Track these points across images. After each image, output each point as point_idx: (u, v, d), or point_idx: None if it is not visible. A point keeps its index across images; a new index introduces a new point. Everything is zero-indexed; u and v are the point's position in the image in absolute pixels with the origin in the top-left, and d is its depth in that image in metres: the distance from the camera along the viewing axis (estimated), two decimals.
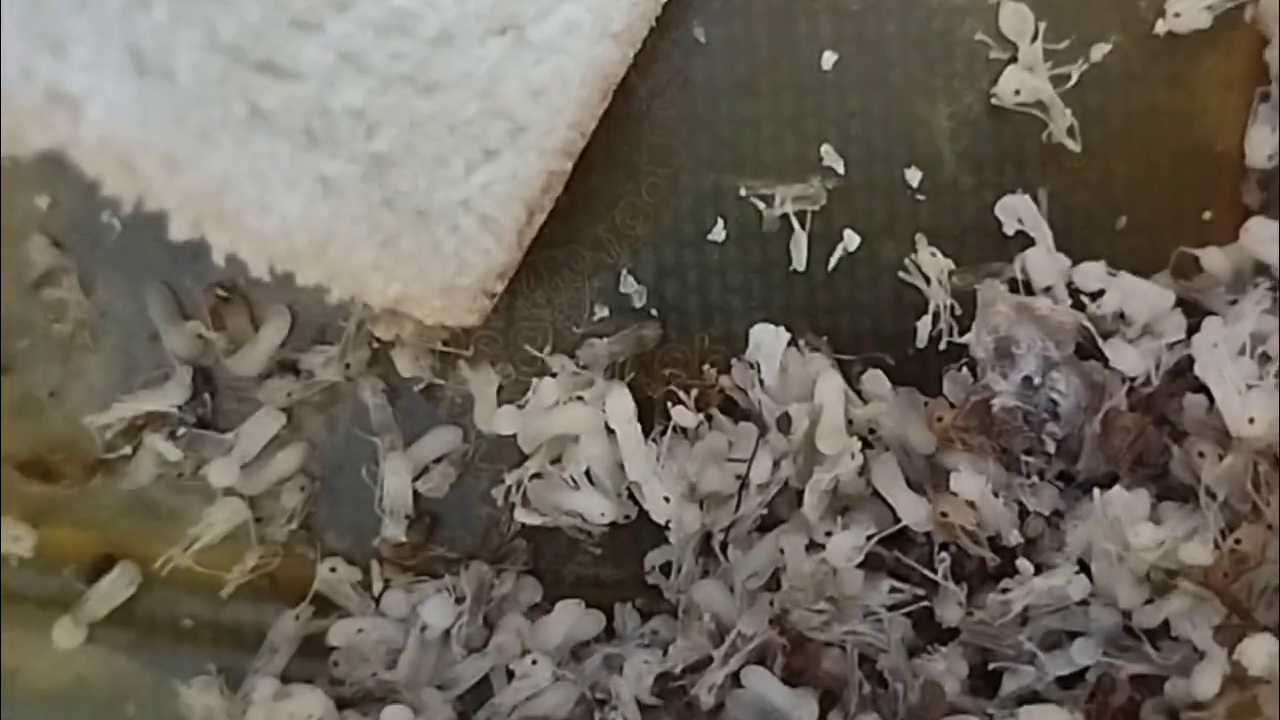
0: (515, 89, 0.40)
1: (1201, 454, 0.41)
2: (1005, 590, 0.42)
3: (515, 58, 0.40)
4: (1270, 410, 0.40)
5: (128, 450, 0.47)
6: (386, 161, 0.39)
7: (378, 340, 0.46)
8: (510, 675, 0.46)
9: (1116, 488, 0.41)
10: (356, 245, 0.39)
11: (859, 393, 0.45)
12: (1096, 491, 0.42)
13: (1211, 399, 0.41)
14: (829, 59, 0.45)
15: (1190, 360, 0.42)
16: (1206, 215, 0.46)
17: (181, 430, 0.47)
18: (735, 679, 0.43)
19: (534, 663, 0.45)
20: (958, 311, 0.45)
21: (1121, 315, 0.44)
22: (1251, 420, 0.40)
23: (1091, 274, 0.44)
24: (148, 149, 0.33)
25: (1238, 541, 0.40)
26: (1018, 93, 0.44)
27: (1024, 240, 0.45)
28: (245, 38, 0.35)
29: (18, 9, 0.30)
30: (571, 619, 0.46)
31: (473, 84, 0.40)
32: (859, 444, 0.43)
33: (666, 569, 0.46)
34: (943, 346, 0.45)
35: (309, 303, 0.46)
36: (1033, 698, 0.43)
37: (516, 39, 0.40)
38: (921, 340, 0.46)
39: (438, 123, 0.40)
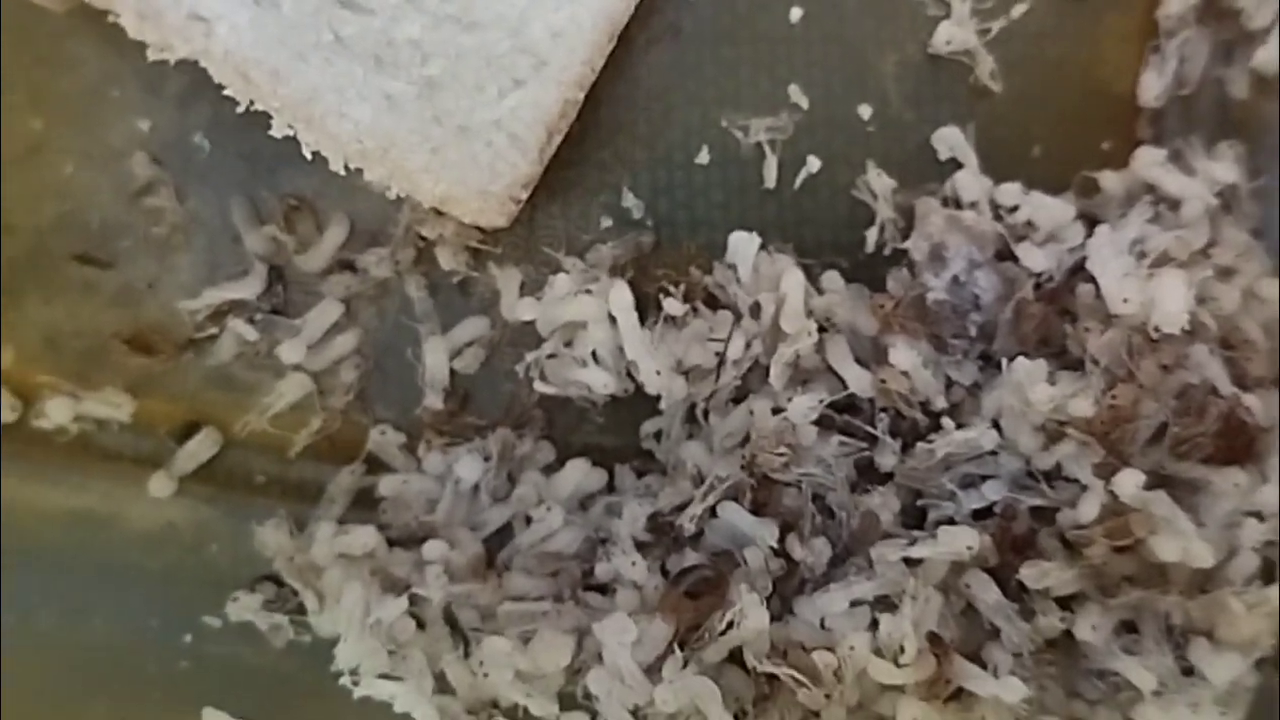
0: (540, 30, 0.46)
1: (1088, 329, 0.46)
2: (931, 442, 0.46)
3: (540, 4, 0.45)
4: (1140, 292, 0.45)
5: (213, 332, 0.51)
6: (436, 85, 0.45)
7: (422, 240, 0.50)
8: (528, 520, 0.50)
9: (1020, 358, 0.45)
10: (411, 151, 0.45)
11: (818, 289, 0.49)
12: (1005, 361, 0.46)
13: (1099, 287, 0.46)
14: (796, 14, 0.50)
15: (1085, 260, 0.47)
16: (1105, 145, 0.50)
17: (258, 316, 0.51)
18: (712, 512, 0.47)
19: (548, 510, 0.49)
20: (900, 223, 0.50)
21: (1032, 224, 0.48)
22: (1125, 300, 0.45)
23: (1009, 192, 0.49)
24: (259, 63, 0.40)
25: (1114, 398, 0.44)
26: (950, 43, 0.49)
27: (955, 165, 0.50)
28: None
29: None
30: (579, 475, 0.50)
31: (506, 24, 0.45)
32: (816, 327, 0.47)
33: (658, 436, 0.50)
34: (887, 252, 0.50)
35: (365, 212, 0.50)
36: (951, 525, 0.46)
37: None
38: (870, 246, 0.50)
39: (477, 55, 0.45)
